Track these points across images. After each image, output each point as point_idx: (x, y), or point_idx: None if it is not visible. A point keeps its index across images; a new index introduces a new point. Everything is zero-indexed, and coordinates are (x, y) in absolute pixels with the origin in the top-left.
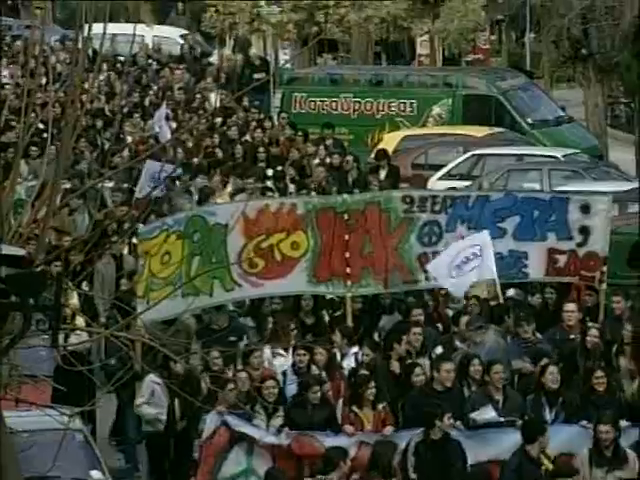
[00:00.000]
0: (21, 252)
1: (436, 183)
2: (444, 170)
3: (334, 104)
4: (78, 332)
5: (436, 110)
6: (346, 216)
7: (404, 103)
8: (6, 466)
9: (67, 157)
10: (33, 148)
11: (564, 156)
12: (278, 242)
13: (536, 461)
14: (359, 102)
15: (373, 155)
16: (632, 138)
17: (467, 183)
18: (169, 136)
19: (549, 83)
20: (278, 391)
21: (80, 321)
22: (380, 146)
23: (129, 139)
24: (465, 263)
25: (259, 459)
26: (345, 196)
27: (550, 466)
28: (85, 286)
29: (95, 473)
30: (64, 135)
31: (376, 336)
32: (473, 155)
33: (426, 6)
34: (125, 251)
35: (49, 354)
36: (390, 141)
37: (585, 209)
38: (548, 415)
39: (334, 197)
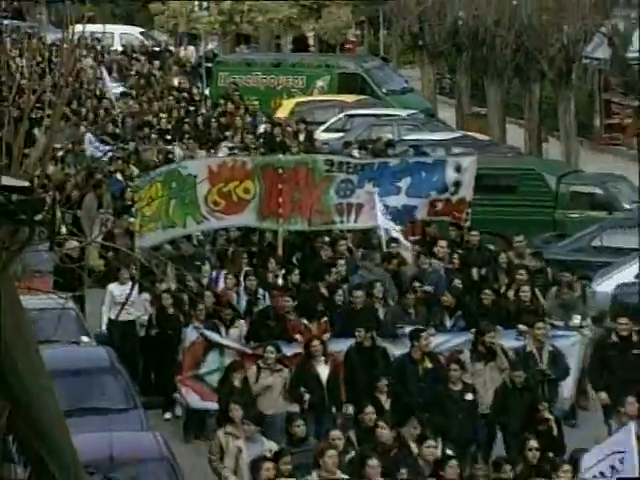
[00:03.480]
0: (25, 183)
1: (320, 134)
2: (325, 125)
3: (248, 80)
4: (71, 242)
5: (319, 83)
6: (281, 170)
7: (297, 79)
8: (30, 340)
9: (59, 122)
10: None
11: (408, 115)
12: (234, 188)
13: (416, 360)
14: (265, 78)
15: (294, 122)
16: (454, 102)
17: (341, 134)
18: (109, 86)
19: (397, 64)
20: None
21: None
22: (280, 110)
23: (118, 112)
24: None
25: (229, 359)
26: (281, 156)
27: (429, 365)
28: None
29: (85, 338)
30: (56, 107)
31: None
32: (346, 115)
33: (312, 11)
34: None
35: (50, 256)
36: (287, 106)
37: (458, 169)
38: (448, 323)
39: (273, 157)
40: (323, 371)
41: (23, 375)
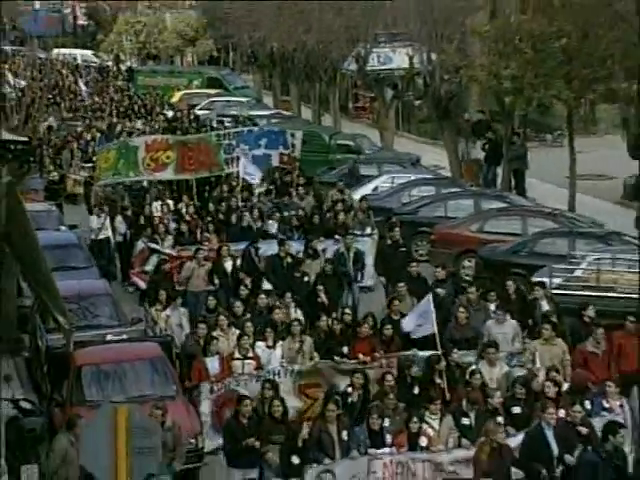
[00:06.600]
0: (25, 139)
1: (199, 112)
2: (199, 106)
3: (154, 81)
4: (54, 173)
5: (195, 83)
6: (190, 145)
7: (182, 80)
8: (30, 227)
9: (44, 107)
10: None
11: (246, 100)
12: (160, 155)
13: (282, 258)
14: (164, 80)
15: (185, 109)
16: (271, 93)
17: (208, 111)
18: (84, 88)
19: (239, 72)
20: (165, 229)
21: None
22: (173, 97)
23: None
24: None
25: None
26: (189, 136)
27: (289, 260)
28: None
29: (62, 227)
30: (42, 98)
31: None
32: (211, 100)
33: (190, 41)
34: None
35: (41, 181)
36: (177, 95)
37: (293, 135)
38: (296, 236)
39: (184, 137)
40: (228, 265)
41: (28, 245)
